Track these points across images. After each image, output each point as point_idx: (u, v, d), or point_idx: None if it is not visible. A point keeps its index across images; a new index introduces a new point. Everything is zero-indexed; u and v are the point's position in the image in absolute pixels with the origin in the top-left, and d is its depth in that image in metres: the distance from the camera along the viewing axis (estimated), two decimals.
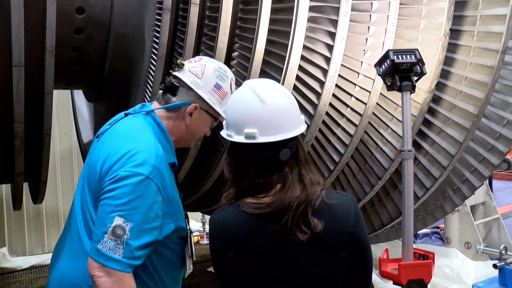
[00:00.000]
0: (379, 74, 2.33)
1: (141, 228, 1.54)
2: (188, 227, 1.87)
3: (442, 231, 5.63)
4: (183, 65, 1.81)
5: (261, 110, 1.40)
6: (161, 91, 1.86)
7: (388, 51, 2.23)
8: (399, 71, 2.21)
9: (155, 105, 1.87)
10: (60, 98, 5.54)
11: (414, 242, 5.28)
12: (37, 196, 2.87)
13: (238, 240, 1.40)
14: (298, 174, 1.45)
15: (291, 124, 1.43)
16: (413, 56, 2.18)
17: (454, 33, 3.04)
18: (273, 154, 1.41)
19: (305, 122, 1.51)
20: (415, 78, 2.25)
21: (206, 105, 1.81)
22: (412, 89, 2.23)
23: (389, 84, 2.33)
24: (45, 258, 5.39)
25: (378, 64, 2.31)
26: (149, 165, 1.59)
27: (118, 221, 1.52)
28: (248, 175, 1.44)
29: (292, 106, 1.46)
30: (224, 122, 1.53)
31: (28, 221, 5.61)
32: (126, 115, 1.85)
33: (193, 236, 1.91)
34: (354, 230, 1.43)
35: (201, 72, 1.79)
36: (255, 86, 1.45)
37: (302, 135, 1.96)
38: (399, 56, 2.17)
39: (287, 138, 1.41)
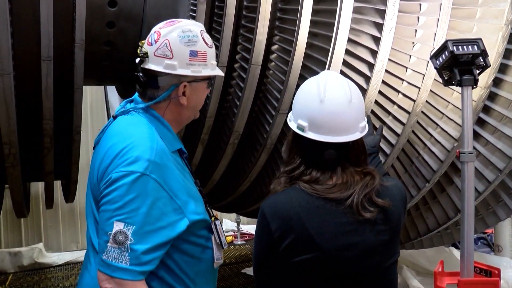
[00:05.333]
0: (435, 68, 2.10)
1: (145, 230, 1.42)
2: (212, 214, 1.71)
3: (490, 236, 5.26)
4: (147, 53, 1.59)
5: (316, 108, 1.41)
6: (140, 89, 1.67)
7: (446, 41, 2.00)
8: (459, 64, 1.98)
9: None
10: (94, 94, 5.54)
11: (456, 249, 4.93)
12: (69, 195, 2.79)
13: (299, 220, 1.37)
14: (353, 171, 1.45)
15: (344, 130, 1.42)
16: (475, 46, 1.94)
17: None
18: (319, 152, 1.42)
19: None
20: (478, 71, 2.01)
21: (193, 77, 1.62)
22: (474, 83, 1.99)
23: (446, 78, 2.10)
24: (79, 255, 5.42)
25: (435, 56, 2.08)
26: (144, 160, 1.46)
27: (118, 226, 1.40)
28: (298, 165, 1.46)
29: (351, 114, 1.43)
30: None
31: (62, 218, 5.63)
32: (114, 118, 1.69)
33: (224, 232, 1.74)
34: (405, 211, 1.54)
35: (169, 51, 1.57)
36: (323, 82, 1.45)
37: None
38: (459, 47, 1.94)
39: (333, 142, 1.41)
